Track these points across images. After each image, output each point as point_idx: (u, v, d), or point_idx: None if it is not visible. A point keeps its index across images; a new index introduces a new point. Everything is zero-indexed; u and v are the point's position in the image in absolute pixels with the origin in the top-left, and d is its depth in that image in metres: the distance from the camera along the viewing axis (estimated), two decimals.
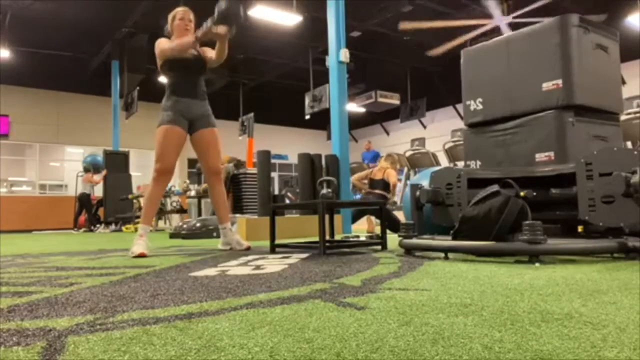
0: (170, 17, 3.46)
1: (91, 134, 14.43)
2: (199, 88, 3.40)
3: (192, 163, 14.31)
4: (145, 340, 0.98)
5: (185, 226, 5.78)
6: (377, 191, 5.59)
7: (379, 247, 3.17)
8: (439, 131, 15.57)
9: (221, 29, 3.14)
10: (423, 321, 1.08)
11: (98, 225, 10.33)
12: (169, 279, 1.92)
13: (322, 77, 10.82)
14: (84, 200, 10.47)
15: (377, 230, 5.30)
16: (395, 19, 10.73)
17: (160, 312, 1.25)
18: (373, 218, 5.85)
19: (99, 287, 1.73)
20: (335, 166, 6.02)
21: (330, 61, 6.39)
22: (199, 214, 8.50)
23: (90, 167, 10.84)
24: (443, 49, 10.24)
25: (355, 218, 6.06)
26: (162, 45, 3.33)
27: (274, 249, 3.20)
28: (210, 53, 3.43)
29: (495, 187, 2.46)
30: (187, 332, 1.04)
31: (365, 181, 5.88)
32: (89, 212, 10.53)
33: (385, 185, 5.59)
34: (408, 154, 9.43)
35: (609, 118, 3.28)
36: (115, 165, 11.03)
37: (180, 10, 3.44)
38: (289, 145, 17.66)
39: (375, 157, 11.42)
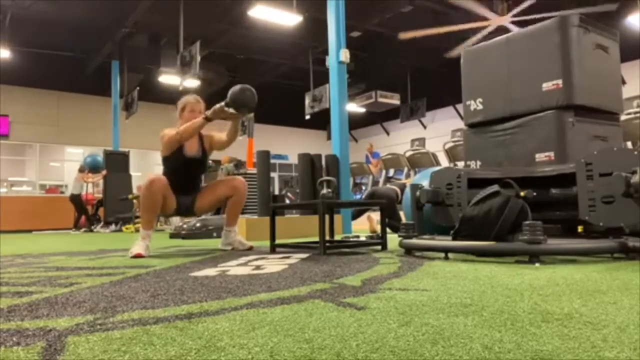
0: (180, 105, 3.34)
1: (91, 134, 14.41)
2: (196, 186, 3.40)
3: None
4: (145, 340, 0.98)
5: (185, 226, 5.77)
6: (394, 187, 5.70)
7: (379, 247, 3.17)
8: (439, 131, 15.56)
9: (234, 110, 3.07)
10: (423, 321, 1.08)
11: (97, 224, 10.32)
12: (169, 279, 1.92)
13: (322, 77, 10.83)
14: (75, 202, 10.44)
15: (380, 229, 5.35)
16: (395, 19, 10.73)
17: (160, 312, 1.25)
18: (374, 216, 5.87)
19: (99, 287, 1.73)
20: (335, 166, 6.02)
21: (330, 61, 6.38)
22: None
23: (86, 167, 10.79)
24: (457, 52, 10.20)
25: (355, 216, 6.07)
26: (168, 133, 3.19)
27: (274, 249, 3.21)
28: (218, 136, 3.36)
29: (495, 187, 2.46)
30: (187, 332, 1.04)
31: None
32: (85, 213, 10.51)
33: (402, 188, 5.70)
34: (408, 154, 9.44)
35: (609, 118, 3.28)
36: (115, 165, 11.01)
37: (191, 102, 3.32)
38: (289, 145, 17.65)
39: (375, 156, 11.52)
